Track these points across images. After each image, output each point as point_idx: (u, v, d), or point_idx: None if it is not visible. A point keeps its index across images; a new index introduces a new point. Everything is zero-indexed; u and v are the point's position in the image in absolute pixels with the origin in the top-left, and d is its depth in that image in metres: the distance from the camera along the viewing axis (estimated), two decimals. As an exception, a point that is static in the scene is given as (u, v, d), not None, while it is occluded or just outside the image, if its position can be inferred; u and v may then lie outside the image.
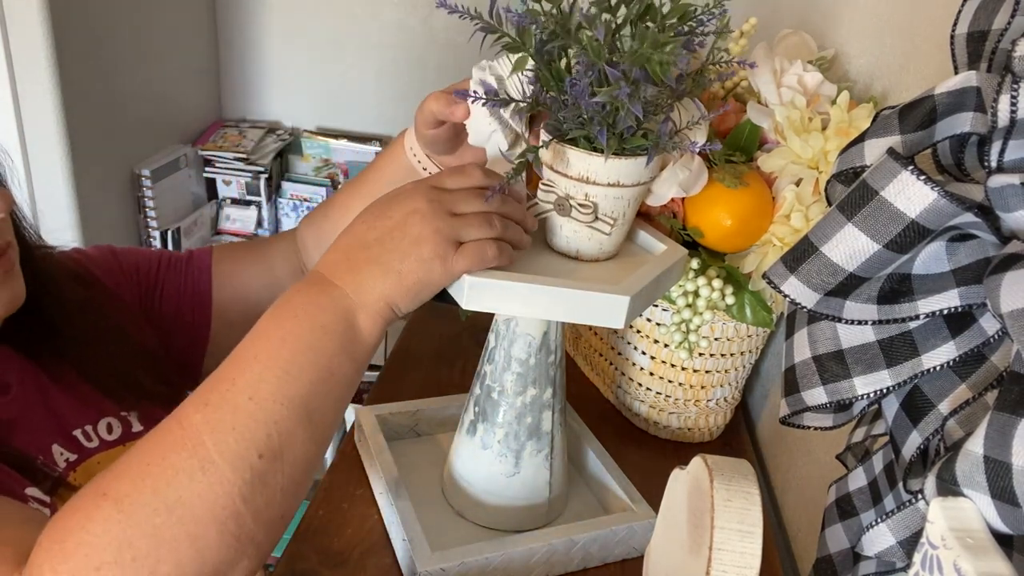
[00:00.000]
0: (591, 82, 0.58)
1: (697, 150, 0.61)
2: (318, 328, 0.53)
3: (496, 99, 0.63)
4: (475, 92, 0.64)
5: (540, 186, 0.67)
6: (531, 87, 0.64)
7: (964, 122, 0.44)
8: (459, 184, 0.60)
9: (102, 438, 0.65)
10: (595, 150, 0.62)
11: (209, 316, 0.79)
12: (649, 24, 0.59)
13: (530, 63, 0.62)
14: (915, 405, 0.47)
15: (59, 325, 0.68)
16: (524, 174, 0.64)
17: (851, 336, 0.49)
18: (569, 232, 0.67)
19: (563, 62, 0.63)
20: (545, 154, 0.64)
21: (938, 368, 0.45)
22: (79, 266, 0.74)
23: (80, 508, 0.47)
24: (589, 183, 0.63)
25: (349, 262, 0.57)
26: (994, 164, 0.40)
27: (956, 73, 0.46)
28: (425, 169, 0.77)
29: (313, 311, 0.54)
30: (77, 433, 0.64)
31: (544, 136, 0.64)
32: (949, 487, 0.39)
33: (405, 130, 0.78)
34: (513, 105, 0.64)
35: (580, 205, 0.64)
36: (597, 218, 0.65)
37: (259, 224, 1.97)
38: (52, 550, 0.45)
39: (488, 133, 0.68)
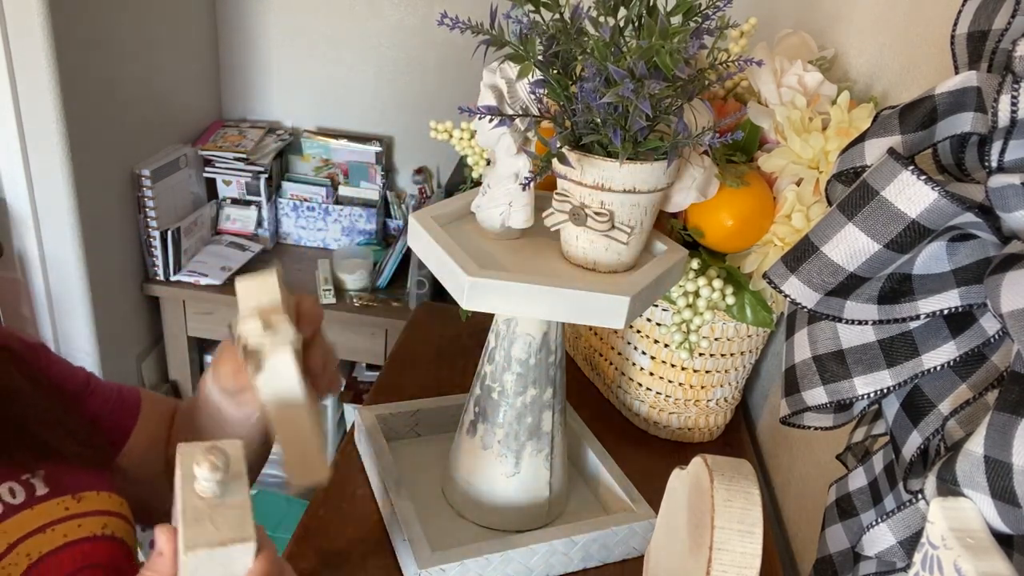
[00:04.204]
0: (597, 84, 0.57)
1: (708, 143, 0.61)
2: None
3: (502, 115, 0.62)
4: (485, 100, 0.63)
5: (554, 196, 0.66)
6: (539, 95, 0.63)
7: (964, 122, 0.44)
8: None
9: (6, 502, 0.62)
10: (610, 155, 0.61)
11: (123, 445, 0.77)
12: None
13: (538, 73, 0.61)
14: (915, 405, 0.47)
15: None
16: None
17: (851, 336, 0.49)
18: (585, 243, 0.66)
19: (571, 68, 0.62)
20: (558, 163, 0.63)
21: (938, 368, 0.45)
22: None
23: None
24: (604, 190, 0.63)
25: None
26: (994, 164, 0.40)
27: (956, 73, 0.46)
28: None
29: None
30: None
31: (557, 145, 0.63)
32: (949, 487, 0.39)
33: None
34: (520, 117, 0.63)
35: (596, 214, 0.63)
36: (614, 227, 0.64)
37: (259, 224, 1.97)
38: None
39: (497, 136, 0.67)
